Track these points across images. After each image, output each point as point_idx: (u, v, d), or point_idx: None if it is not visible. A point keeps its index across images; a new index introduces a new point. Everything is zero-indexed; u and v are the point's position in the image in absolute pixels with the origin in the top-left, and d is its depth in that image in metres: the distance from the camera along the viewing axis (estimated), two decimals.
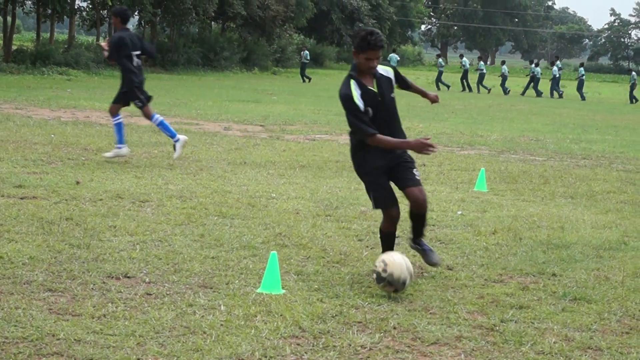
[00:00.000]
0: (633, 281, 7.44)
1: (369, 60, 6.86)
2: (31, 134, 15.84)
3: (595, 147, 19.72)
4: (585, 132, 24.36)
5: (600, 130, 25.45)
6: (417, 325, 5.95)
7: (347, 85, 6.97)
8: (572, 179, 14.10)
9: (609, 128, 26.49)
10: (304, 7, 65.71)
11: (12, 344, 5.13)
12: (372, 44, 6.77)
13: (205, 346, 5.26)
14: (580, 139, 21.88)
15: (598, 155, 18.12)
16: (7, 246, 7.41)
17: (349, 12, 77.55)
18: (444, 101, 37.28)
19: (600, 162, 16.82)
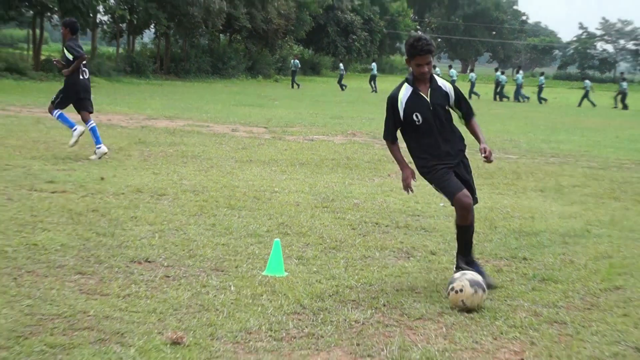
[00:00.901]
0: (594, 264, 7.52)
1: (420, 66, 6.45)
2: (60, 135, 15.86)
3: (563, 147, 19.75)
4: (554, 133, 24.37)
5: (568, 131, 25.46)
6: (404, 302, 6.05)
7: (399, 88, 6.70)
8: (541, 174, 14.17)
9: (575, 129, 26.49)
10: (303, 21, 65.49)
11: (49, 320, 5.21)
12: (420, 49, 6.39)
13: (218, 321, 5.36)
14: (550, 139, 21.91)
15: (565, 153, 18.15)
16: (41, 235, 7.48)
17: (343, 25, 77.33)
18: None
19: (567, 160, 16.86)
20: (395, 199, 10.67)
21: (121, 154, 13.80)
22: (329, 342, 5.14)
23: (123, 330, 5.08)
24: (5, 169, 11.30)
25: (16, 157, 12.50)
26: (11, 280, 6.03)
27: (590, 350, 5.18)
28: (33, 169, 11.45)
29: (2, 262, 6.50)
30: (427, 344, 5.16)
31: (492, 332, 5.48)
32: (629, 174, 14.90)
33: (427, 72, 6.48)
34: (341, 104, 33.84)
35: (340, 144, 17.76)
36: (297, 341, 5.11)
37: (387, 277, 6.77)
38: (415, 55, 6.41)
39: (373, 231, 8.64)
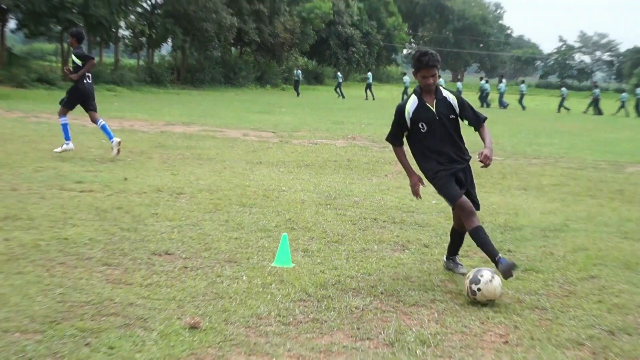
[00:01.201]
0: (572, 256, 7.54)
1: (425, 78, 6.34)
2: (87, 140, 15.92)
3: (544, 149, 19.76)
4: (536, 137, 24.37)
5: (549, 135, 25.46)
6: (399, 290, 6.09)
7: (407, 100, 6.54)
8: (525, 174, 14.19)
9: (555, 134, 26.49)
10: (307, 35, 65.48)
11: (78, 306, 5.26)
12: (425, 63, 6.30)
13: (231, 308, 5.40)
14: (532, 142, 21.92)
15: (546, 155, 18.16)
16: (71, 230, 7.53)
17: (344, 38, 77.31)
18: None
19: (548, 161, 16.88)
20: (391, 197, 10.71)
21: (143, 156, 13.85)
22: (332, 326, 5.17)
23: (146, 316, 5.14)
24: (38, 170, 11.34)
25: (48, 160, 12.54)
26: (44, 271, 6.08)
27: (568, 333, 5.22)
28: (63, 170, 11.50)
29: (36, 255, 6.55)
30: (421, 328, 5.20)
31: (479, 317, 5.52)
32: (604, 174, 14.91)
33: (432, 83, 6.37)
34: (342, 111, 33.86)
35: (342, 147, 17.80)
36: (303, 326, 5.15)
37: (385, 268, 6.81)
38: (421, 69, 6.33)
39: (371, 226, 8.67)
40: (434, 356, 4.73)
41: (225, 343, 4.73)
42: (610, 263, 7.31)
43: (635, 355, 4.88)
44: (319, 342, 4.86)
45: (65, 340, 4.61)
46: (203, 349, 4.61)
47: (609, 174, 14.93)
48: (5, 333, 4.69)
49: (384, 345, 4.88)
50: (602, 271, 7.00)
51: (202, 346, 4.65)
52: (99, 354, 4.43)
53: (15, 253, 6.56)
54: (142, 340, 4.67)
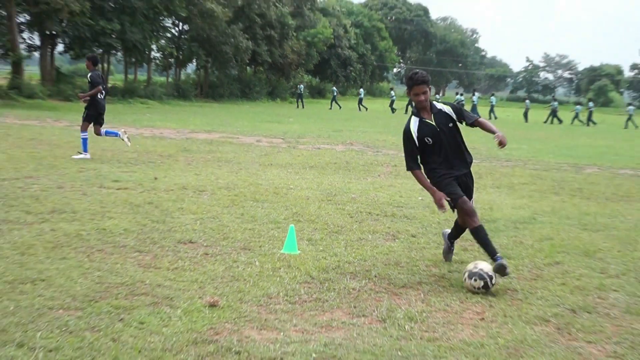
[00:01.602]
0: (539, 244, 7.51)
1: (417, 95, 6.05)
2: (122, 145, 15.87)
3: (514, 153, 19.72)
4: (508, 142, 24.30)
5: (518, 141, 25.40)
6: (391, 274, 6.05)
7: (408, 122, 6.19)
8: (498, 174, 14.15)
9: (524, 140, 26.44)
10: (311, 56, 65.48)
11: (114, 287, 5.23)
12: (415, 80, 6.03)
13: (246, 289, 5.37)
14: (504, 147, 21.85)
15: (516, 158, 18.12)
16: (109, 222, 7.50)
17: (343, 59, 77.33)
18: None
19: (517, 164, 16.83)
20: (383, 194, 10.67)
21: (170, 159, 13.81)
22: (332, 305, 5.14)
23: (172, 295, 5.10)
24: (81, 171, 11.32)
25: (89, 162, 12.52)
26: (85, 257, 6.05)
27: (536, 311, 5.18)
28: (102, 171, 11.47)
29: (78, 243, 6.52)
30: (409, 307, 5.16)
31: (459, 297, 5.48)
32: (566, 175, 14.87)
33: (423, 100, 6.08)
34: (341, 121, 33.83)
35: (341, 151, 17.76)
36: (307, 304, 5.12)
37: (378, 255, 6.76)
38: (413, 86, 6.07)
39: (366, 219, 8.62)
40: (420, 331, 4.69)
41: (240, 319, 4.69)
42: (572, 251, 7.27)
43: (594, 331, 4.84)
44: (321, 318, 4.83)
45: (102, 317, 4.58)
46: (221, 324, 4.57)
47: (570, 175, 14.89)
48: (51, 310, 4.66)
49: (377, 321, 4.84)
50: (565, 258, 6.96)
51: (220, 322, 4.61)
52: (131, 329, 4.39)
53: (60, 241, 6.53)
54: (168, 317, 4.63)
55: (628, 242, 7.91)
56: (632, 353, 4.46)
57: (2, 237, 6.57)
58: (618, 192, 12.34)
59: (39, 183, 9.86)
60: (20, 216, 7.54)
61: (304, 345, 4.27)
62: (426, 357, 4.22)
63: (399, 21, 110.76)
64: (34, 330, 4.26)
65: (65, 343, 4.08)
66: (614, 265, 6.71)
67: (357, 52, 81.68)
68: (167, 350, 4.07)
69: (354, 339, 4.45)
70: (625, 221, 9.33)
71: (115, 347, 4.07)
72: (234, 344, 4.21)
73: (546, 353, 4.40)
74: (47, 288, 5.11)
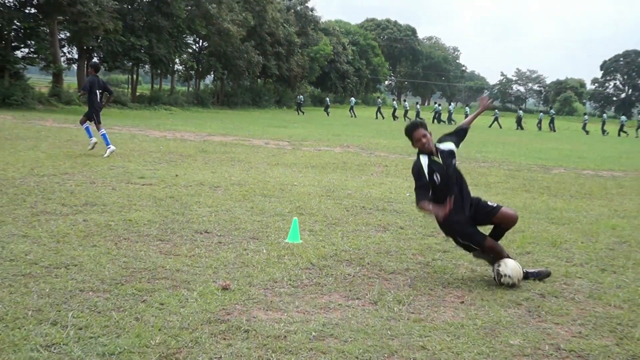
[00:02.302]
0: (512, 236, 7.39)
1: (418, 140, 5.59)
2: (148, 146, 15.84)
3: (490, 155, 19.65)
4: (484, 146, 24.25)
5: (493, 145, 25.36)
6: (381, 261, 5.98)
7: (418, 159, 5.66)
8: (476, 174, 14.07)
9: (498, 144, 26.38)
10: (314, 69, 65.43)
11: (138, 272, 5.16)
12: (412, 127, 5.67)
13: (254, 274, 5.30)
14: (481, 150, 21.79)
15: (492, 160, 18.06)
16: (134, 213, 7.43)
17: (341, 73, 77.17)
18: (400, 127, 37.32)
19: (493, 164, 16.76)
20: (376, 191, 10.59)
21: (190, 159, 13.73)
22: (330, 288, 5.07)
23: (189, 279, 5.03)
24: (111, 168, 11.25)
25: (118, 161, 12.44)
26: (113, 245, 5.97)
27: (509, 295, 5.12)
28: (130, 168, 11.40)
29: (107, 232, 6.45)
30: (397, 291, 5.09)
31: (442, 283, 5.42)
32: (535, 174, 14.79)
33: (425, 142, 5.57)
34: (339, 126, 33.74)
35: (339, 153, 17.68)
36: (308, 288, 5.05)
37: (370, 244, 6.69)
38: (412, 133, 5.63)
39: (361, 212, 8.55)
40: (408, 312, 4.62)
41: (249, 301, 4.63)
42: (541, 242, 7.21)
43: (561, 313, 4.78)
44: (320, 300, 4.76)
45: (127, 298, 4.51)
46: (232, 305, 4.51)
47: (539, 175, 14.81)
48: (82, 292, 4.59)
49: (369, 303, 4.78)
50: (535, 248, 6.90)
51: (231, 303, 4.54)
52: (152, 309, 4.33)
53: (92, 231, 6.47)
54: (185, 298, 4.57)
55: (590, 234, 7.85)
56: (594, 333, 4.40)
57: (40, 226, 6.50)
58: (581, 190, 12.27)
59: (74, 179, 9.79)
60: (57, 208, 7.48)
61: (305, 325, 4.21)
62: (412, 336, 4.16)
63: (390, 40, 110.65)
64: (67, 310, 4.19)
65: (94, 321, 4.02)
66: (578, 255, 6.65)
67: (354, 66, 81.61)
68: (184, 329, 4.01)
69: (349, 319, 4.39)
70: (588, 216, 9.26)
71: (138, 325, 4.00)
72: (243, 323, 4.15)
73: (519, 333, 4.33)
74: (79, 272, 5.04)
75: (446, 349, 3.95)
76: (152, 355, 3.59)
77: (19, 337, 3.71)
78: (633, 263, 6.44)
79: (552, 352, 4.05)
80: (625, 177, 15.50)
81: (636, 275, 5.99)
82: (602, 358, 3.99)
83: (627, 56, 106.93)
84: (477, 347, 4.03)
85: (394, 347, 3.94)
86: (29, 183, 9.09)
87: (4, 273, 4.89)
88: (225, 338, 3.91)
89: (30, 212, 7.16)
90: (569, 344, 4.19)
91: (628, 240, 7.57)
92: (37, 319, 4.01)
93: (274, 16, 53.07)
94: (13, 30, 31.46)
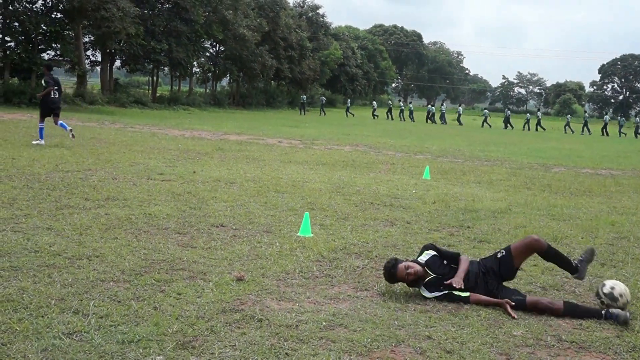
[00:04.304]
0: (514, 231, 7.35)
1: (405, 278, 4.66)
2: (167, 143, 15.85)
3: (493, 154, 19.51)
4: (487, 145, 24.10)
5: (495, 144, 25.21)
6: (389, 254, 5.90)
7: (423, 295, 4.68)
8: (479, 172, 13.96)
9: (500, 143, 26.22)
10: (325, 72, 65.33)
11: (157, 263, 5.14)
12: (389, 278, 4.72)
13: (268, 266, 5.26)
14: (484, 149, 21.65)
15: (494, 159, 17.93)
16: (154, 208, 7.41)
17: (350, 75, 76.98)
18: (407, 127, 37.23)
19: (496, 163, 16.64)
20: (383, 187, 10.53)
21: (207, 156, 13.72)
22: (340, 280, 5.02)
23: (205, 270, 5.00)
24: (132, 165, 11.25)
25: (139, 158, 12.45)
26: (133, 237, 5.96)
27: (512, 287, 5.04)
28: (150, 165, 11.39)
29: (128, 225, 6.43)
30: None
31: None
32: (536, 172, 14.66)
33: (412, 274, 4.65)
34: (348, 126, 33.66)
35: (348, 151, 17.62)
36: (318, 279, 5.01)
37: (378, 238, 6.63)
38: (396, 276, 4.69)
39: (369, 208, 8.49)
40: (414, 304, 4.57)
41: (262, 291, 4.59)
42: (543, 237, 7.09)
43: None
44: (330, 291, 4.71)
45: (146, 288, 4.49)
46: (246, 295, 4.47)
47: (540, 173, 14.69)
48: (103, 282, 4.57)
49: (377, 294, 4.73)
50: None
51: (245, 293, 4.51)
52: (170, 298, 4.30)
53: (113, 224, 6.45)
54: (202, 289, 4.54)
55: (590, 230, 7.75)
56: (595, 326, 4.32)
57: (64, 219, 6.50)
58: (581, 188, 12.14)
59: (96, 175, 9.80)
60: (80, 202, 7.48)
61: (315, 315, 4.16)
62: (419, 326, 4.10)
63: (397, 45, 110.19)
64: (88, 299, 4.17)
65: (114, 310, 4.00)
66: (578, 250, 6.55)
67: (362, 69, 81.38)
68: (200, 318, 3.97)
69: (358, 309, 4.34)
70: (587, 212, 9.15)
71: (157, 314, 3.98)
72: (256, 313, 4.11)
73: (521, 324, 4.27)
74: (100, 263, 5.02)
75: (451, 339, 3.90)
76: (169, 343, 3.56)
77: (42, 325, 3.69)
78: (632, 258, 6.35)
79: (554, 343, 3.98)
80: (623, 176, 15.34)
81: (635, 269, 5.90)
82: (603, 349, 3.92)
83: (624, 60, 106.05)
84: (481, 337, 3.97)
85: (401, 336, 3.89)
86: (53, 178, 9.11)
87: (28, 264, 4.88)
88: (239, 327, 3.88)
89: (55, 205, 7.17)
90: (571, 335, 4.12)
91: (627, 236, 7.47)
92: (60, 308, 3.99)
93: (287, 22, 53.08)
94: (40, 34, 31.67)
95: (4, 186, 8.20)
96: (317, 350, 3.60)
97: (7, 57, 30.32)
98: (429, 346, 3.76)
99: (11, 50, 31.05)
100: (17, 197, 7.54)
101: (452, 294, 4.64)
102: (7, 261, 4.91)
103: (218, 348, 3.54)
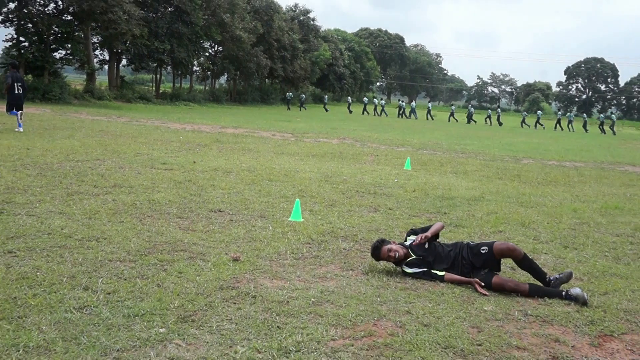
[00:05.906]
0: (487, 217, 7.39)
1: (387, 257, 4.72)
2: (170, 136, 15.75)
3: (468, 147, 19.57)
4: (463, 139, 24.16)
5: (470, 138, 25.28)
6: (373, 238, 5.91)
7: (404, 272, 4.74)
8: (455, 163, 14.01)
9: (475, 137, 26.29)
10: (315, 72, 65.00)
11: (160, 245, 5.12)
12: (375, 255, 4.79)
13: (261, 247, 5.26)
14: (460, 142, 21.71)
15: (469, 151, 17.99)
16: (157, 194, 7.38)
17: (338, 74, 76.64)
18: (389, 122, 37.21)
19: (470, 155, 16.70)
20: (368, 177, 10.54)
21: (206, 147, 13.66)
22: (327, 261, 5.04)
23: (204, 252, 5.00)
24: (137, 155, 11.18)
25: (143, 149, 12.38)
26: (138, 221, 5.94)
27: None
28: (153, 155, 11.33)
29: (133, 210, 6.41)
30: (386, 263, 5.05)
31: None
32: (507, 164, 14.73)
33: (394, 255, 4.71)
34: (336, 121, 33.58)
35: (336, 144, 17.60)
36: (308, 260, 5.02)
37: (363, 223, 6.65)
38: (379, 255, 4.77)
39: (355, 195, 8.51)
40: (395, 282, 4.60)
41: (256, 271, 4.60)
42: (512, 222, 7.17)
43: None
44: (318, 271, 4.73)
45: (150, 267, 4.48)
46: (241, 274, 4.47)
47: (510, 164, 14.76)
48: (110, 261, 4.56)
49: (362, 274, 4.75)
50: (506, 227, 6.86)
51: (241, 272, 4.51)
52: (172, 276, 4.30)
53: (120, 209, 6.43)
54: (201, 268, 4.54)
55: (555, 216, 7.82)
56: (557, 302, 4.37)
57: (75, 205, 6.46)
58: (547, 178, 12.23)
59: (104, 164, 9.74)
60: (89, 189, 7.43)
61: (305, 292, 4.18)
62: (399, 302, 4.13)
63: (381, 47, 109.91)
64: (97, 277, 4.16)
65: (120, 287, 3.99)
66: (544, 234, 6.62)
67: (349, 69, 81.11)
68: (199, 294, 3.98)
69: (343, 287, 4.36)
70: (553, 200, 9.23)
71: (160, 291, 3.97)
72: (251, 290, 4.12)
73: (492, 301, 4.31)
74: (108, 244, 5.01)
75: (428, 314, 3.93)
76: (171, 317, 3.56)
77: (54, 300, 3.68)
78: (592, 241, 6.42)
79: (520, 317, 4.02)
80: (585, 167, 15.46)
81: (595, 251, 5.97)
82: (564, 322, 3.97)
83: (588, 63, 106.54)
84: (455, 312, 4.01)
85: (382, 311, 3.92)
86: (65, 167, 9.04)
87: (42, 245, 4.86)
88: (235, 302, 3.89)
89: (66, 192, 7.13)
90: (535, 310, 4.17)
91: (587, 222, 7.54)
92: (71, 285, 3.98)
93: (280, 25, 52.76)
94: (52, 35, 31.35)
95: (20, 174, 8.14)
96: (306, 324, 3.61)
97: (21, 56, 30.05)
98: (407, 320, 3.79)
99: (25, 50, 30.77)
100: (32, 184, 7.48)
101: (429, 272, 4.71)
102: (22, 242, 4.89)
103: (216, 322, 3.55)
